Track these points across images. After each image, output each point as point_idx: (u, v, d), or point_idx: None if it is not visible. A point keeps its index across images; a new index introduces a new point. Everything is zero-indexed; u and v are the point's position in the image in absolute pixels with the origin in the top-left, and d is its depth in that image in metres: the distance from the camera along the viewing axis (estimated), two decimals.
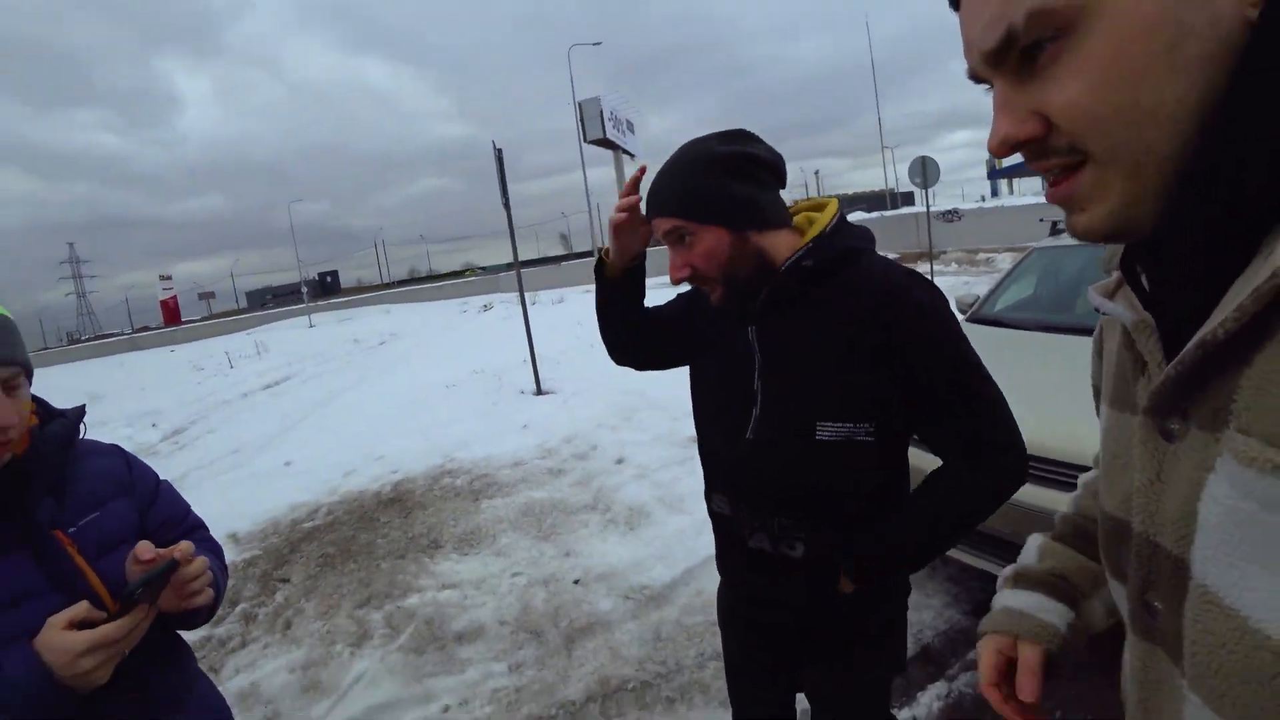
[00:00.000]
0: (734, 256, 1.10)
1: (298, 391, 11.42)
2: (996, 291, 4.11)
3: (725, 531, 1.30)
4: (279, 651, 3.02)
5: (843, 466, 1.09)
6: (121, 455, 1.19)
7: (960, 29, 0.50)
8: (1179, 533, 0.47)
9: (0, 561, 0.94)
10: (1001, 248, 19.50)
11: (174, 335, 42.59)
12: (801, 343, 1.11)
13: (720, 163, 1.08)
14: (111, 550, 1.04)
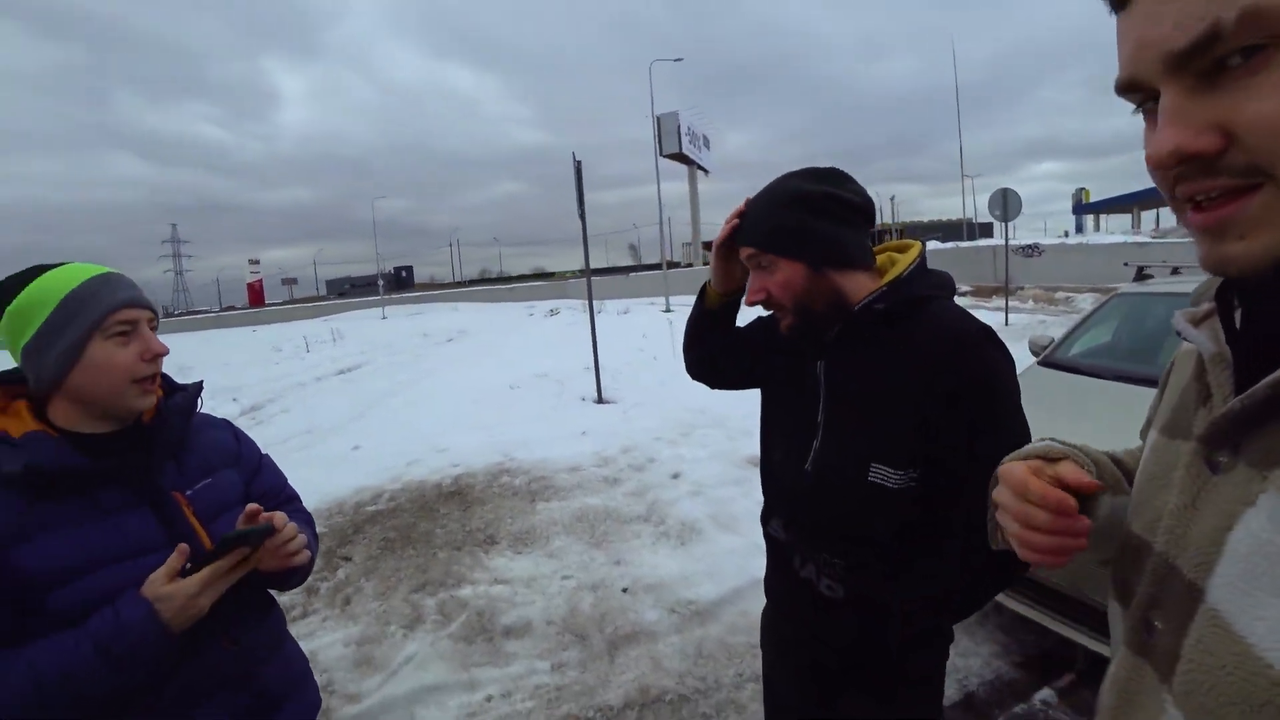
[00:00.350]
0: (808, 291, 1.13)
1: (368, 379, 11.85)
2: (1073, 335, 3.99)
3: (779, 556, 1.33)
4: (337, 625, 3.17)
5: (890, 510, 1.10)
6: (231, 429, 1.31)
7: (1128, 29, 0.47)
8: (1200, 559, 0.49)
9: (129, 516, 1.03)
10: (1083, 287, 18.71)
11: (257, 316, 44.69)
12: (867, 383, 1.13)
13: (805, 200, 1.12)
14: (220, 514, 1.14)
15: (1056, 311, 15.33)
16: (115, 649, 0.92)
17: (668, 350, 10.54)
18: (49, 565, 0.95)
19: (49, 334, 1.00)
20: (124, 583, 0.97)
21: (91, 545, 0.98)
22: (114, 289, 1.05)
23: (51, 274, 1.04)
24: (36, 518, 0.96)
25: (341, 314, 38.87)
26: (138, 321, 1.07)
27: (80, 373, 1.02)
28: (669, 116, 36.13)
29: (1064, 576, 2.30)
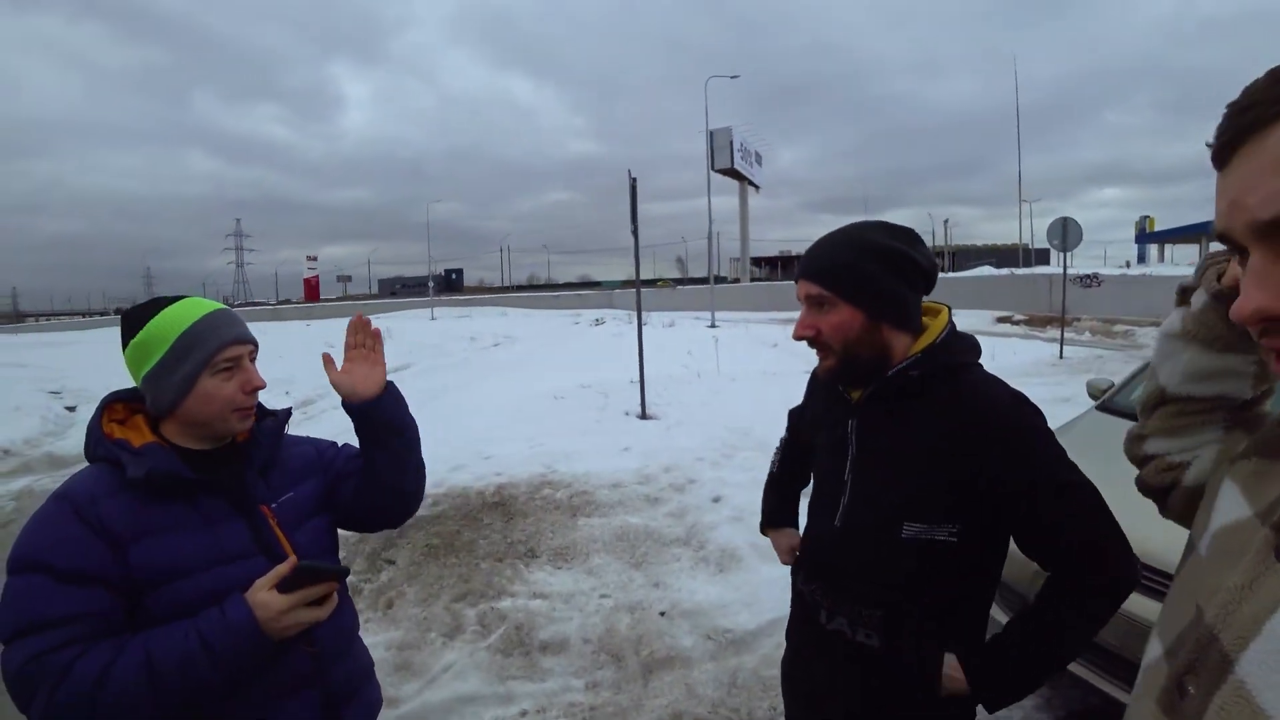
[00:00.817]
0: (860, 339, 1.16)
1: (415, 381, 12.09)
2: (1135, 380, 3.86)
3: (805, 608, 1.37)
4: (378, 628, 3.25)
5: (925, 565, 1.12)
6: (312, 444, 1.44)
7: (1225, 187, 0.50)
8: (1239, 634, 0.51)
9: (226, 524, 1.15)
10: (1144, 321, 18.03)
11: (310, 311, 46.08)
12: (897, 445, 1.16)
13: (880, 252, 1.15)
14: (302, 523, 1.27)
15: (1115, 345, 14.85)
16: (218, 646, 1.01)
17: (711, 367, 10.53)
18: (159, 564, 1.06)
19: (165, 368, 1.14)
20: (221, 585, 1.08)
21: (194, 549, 1.10)
22: (222, 327, 1.18)
23: (170, 310, 1.18)
24: (152, 520, 1.08)
25: (392, 313, 39.76)
26: (241, 357, 1.20)
27: (191, 402, 1.15)
28: (722, 131, 36.22)
29: (1114, 634, 2.23)
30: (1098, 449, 3.13)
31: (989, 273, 28.12)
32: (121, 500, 1.07)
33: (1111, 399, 3.73)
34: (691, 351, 11.92)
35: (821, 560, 1.29)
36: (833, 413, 1.29)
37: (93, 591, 1.01)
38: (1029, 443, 1.10)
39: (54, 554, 1.01)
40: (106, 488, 1.08)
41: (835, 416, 1.27)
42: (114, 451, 1.10)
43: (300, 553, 1.21)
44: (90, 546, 1.02)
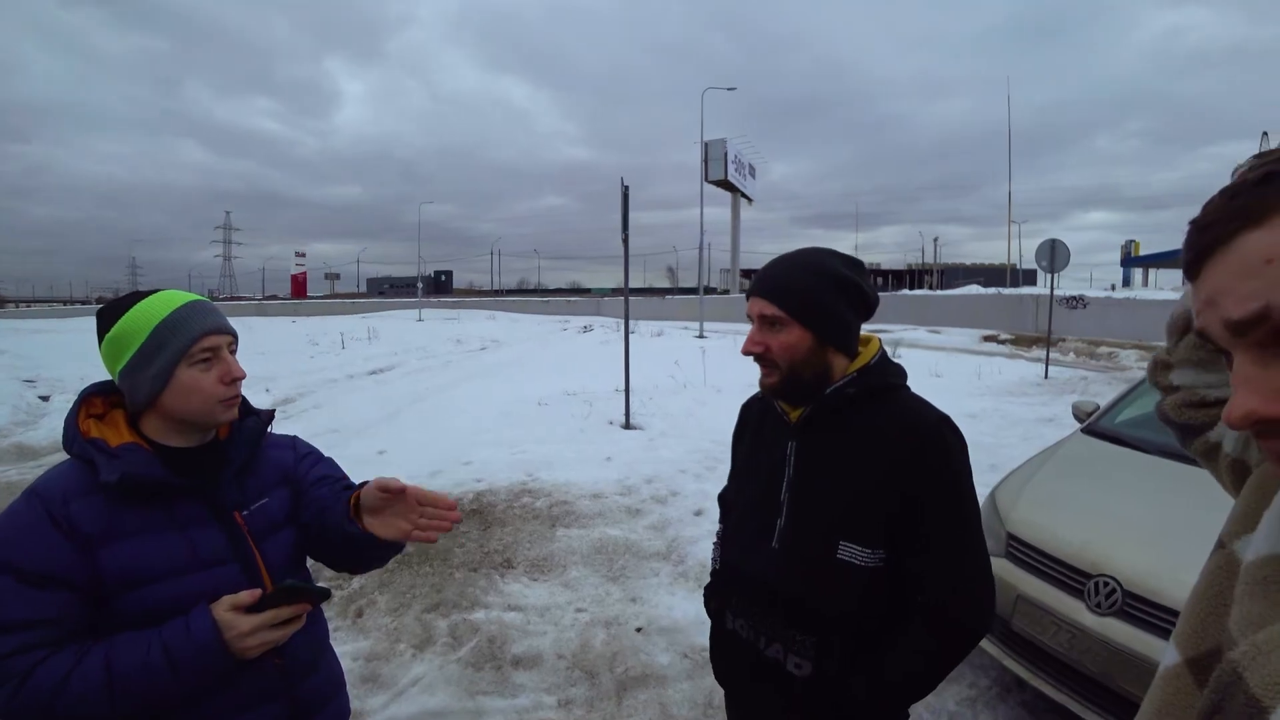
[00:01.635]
0: (806, 359, 1.23)
1: (399, 382, 12.01)
2: (1120, 403, 3.85)
3: (732, 645, 1.37)
4: (346, 637, 3.17)
5: (857, 587, 1.18)
6: (292, 445, 1.39)
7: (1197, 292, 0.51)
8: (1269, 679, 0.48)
9: (200, 530, 1.12)
10: (1128, 343, 18.22)
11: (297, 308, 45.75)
12: (834, 463, 1.23)
13: (836, 281, 1.23)
14: (272, 534, 1.22)
15: (1098, 367, 14.94)
16: (180, 658, 1.00)
17: (698, 378, 10.48)
18: (130, 567, 1.03)
19: (141, 361, 1.11)
20: (191, 593, 1.06)
21: (166, 554, 1.07)
22: (198, 318, 1.15)
23: (145, 303, 1.14)
24: (124, 523, 1.05)
25: (379, 312, 39.56)
26: (219, 347, 1.17)
27: (169, 395, 1.12)
28: (717, 143, 36.36)
29: (1095, 662, 2.21)
30: (1084, 472, 3.13)
31: (976, 291, 28.33)
32: (94, 501, 1.04)
33: (1097, 422, 3.71)
34: (679, 362, 11.87)
35: (754, 587, 1.30)
36: (770, 436, 1.34)
37: (57, 595, 0.99)
38: (944, 457, 1.17)
39: (20, 555, 0.99)
40: (80, 487, 1.05)
41: (773, 439, 1.33)
42: (88, 450, 1.07)
43: (268, 564, 1.19)
44: (58, 549, 1.00)
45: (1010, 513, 2.77)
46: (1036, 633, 2.39)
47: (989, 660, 2.81)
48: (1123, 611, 2.20)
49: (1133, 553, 2.32)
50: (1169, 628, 2.07)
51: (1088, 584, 2.31)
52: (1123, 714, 2.13)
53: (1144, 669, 2.06)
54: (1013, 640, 2.50)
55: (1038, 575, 2.48)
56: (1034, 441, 6.07)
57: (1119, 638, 2.16)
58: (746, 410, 1.50)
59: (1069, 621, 2.29)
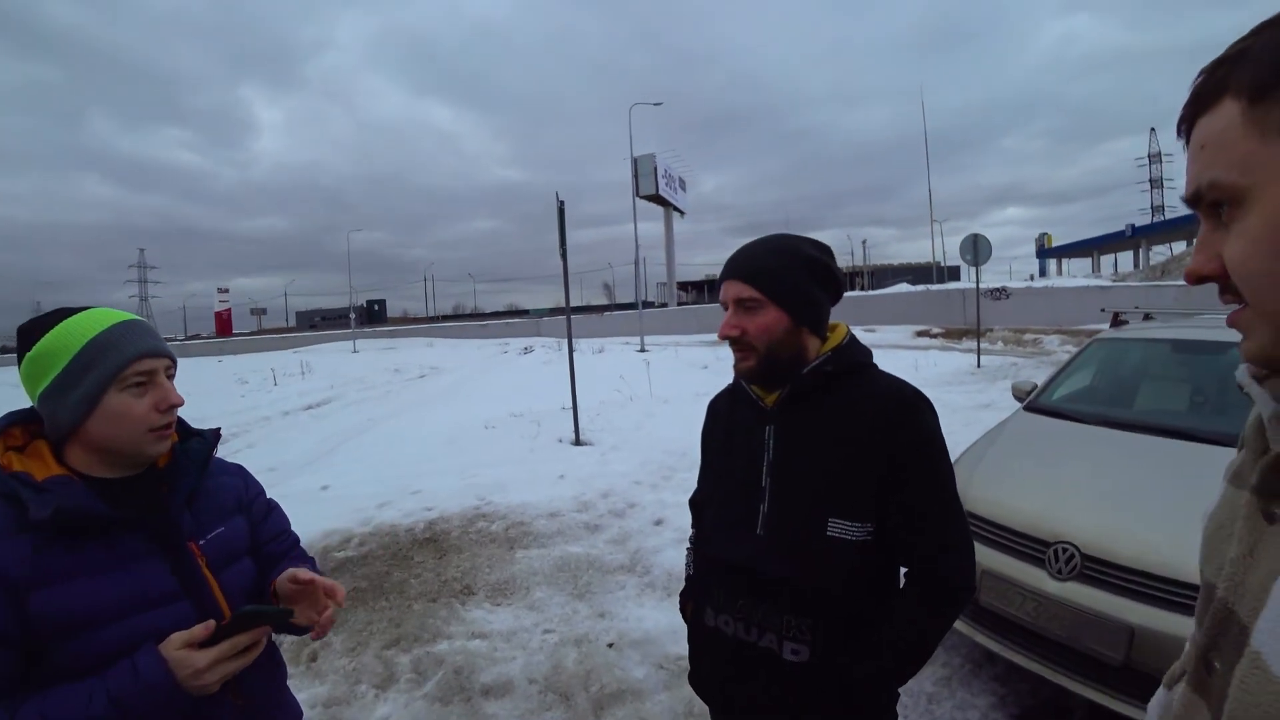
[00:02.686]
0: (782, 340, 1.23)
1: (338, 415, 11.61)
2: (1056, 380, 4.02)
3: (716, 646, 1.33)
4: (302, 684, 2.99)
5: (851, 564, 1.17)
6: (242, 475, 1.30)
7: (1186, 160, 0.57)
8: (1253, 604, 0.52)
9: (145, 564, 1.02)
10: (1050, 329, 19.15)
11: (223, 346, 43.87)
12: (814, 442, 1.22)
13: (808, 263, 1.24)
14: (231, 563, 1.14)
15: (1026, 353, 15.63)
16: (130, 705, 0.91)
17: (644, 391, 10.48)
18: (66, 614, 0.93)
19: (65, 383, 1.01)
20: (138, 635, 0.96)
21: (108, 595, 0.97)
22: (133, 338, 1.05)
23: (74, 320, 1.04)
24: (58, 565, 0.95)
25: (312, 346, 38.30)
26: (155, 372, 1.07)
27: (95, 422, 1.02)
28: (646, 158, 36.70)
29: (1061, 627, 2.26)
30: (1028, 447, 3.23)
31: (906, 289, 29.30)
32: (21, 542, 0.93)
33: (1036, 399, 3.86)
34: (623, 376, 11.85)
35: (740, 577, 1.27)
36: (745, 425, 1.33)
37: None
38: (924, 424, 1.19)
39: None
40: (3, 527, 0.94)
41: (749, 427, 1.31)
42: (12, 486, 0.95)
43: (229, 595, 1.10)
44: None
45: (966, 491, 2.82)
46: (1003, 605, 2.43)
47: (959, 639, 2.85)
48: (1083, 575, 2.25)
49: (1087, 517, 2.39)
50: (1128, 587, 2.14)
51: (1047, 552, 2.36)
52: (1092, 673, 2.18)
53: (1108, 628, 2.12)
54: (981, 615, 2.54)
55: (999, 549, 2.53)
56: (975, 426, 6.25)
57: (1082, 600, 2.22)
58: (714, 406, 1.49)
59: (1033, 590, 2.34)
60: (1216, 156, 0.51)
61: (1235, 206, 0.51)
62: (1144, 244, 48.25)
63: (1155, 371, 3.76)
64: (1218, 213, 0.52)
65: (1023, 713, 2.59)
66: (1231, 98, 0.50)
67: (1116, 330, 4.33)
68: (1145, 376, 3.76)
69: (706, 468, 1.48)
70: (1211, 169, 0.51)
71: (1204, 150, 0.52)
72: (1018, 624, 2.39)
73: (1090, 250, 56.53)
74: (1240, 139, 0.49)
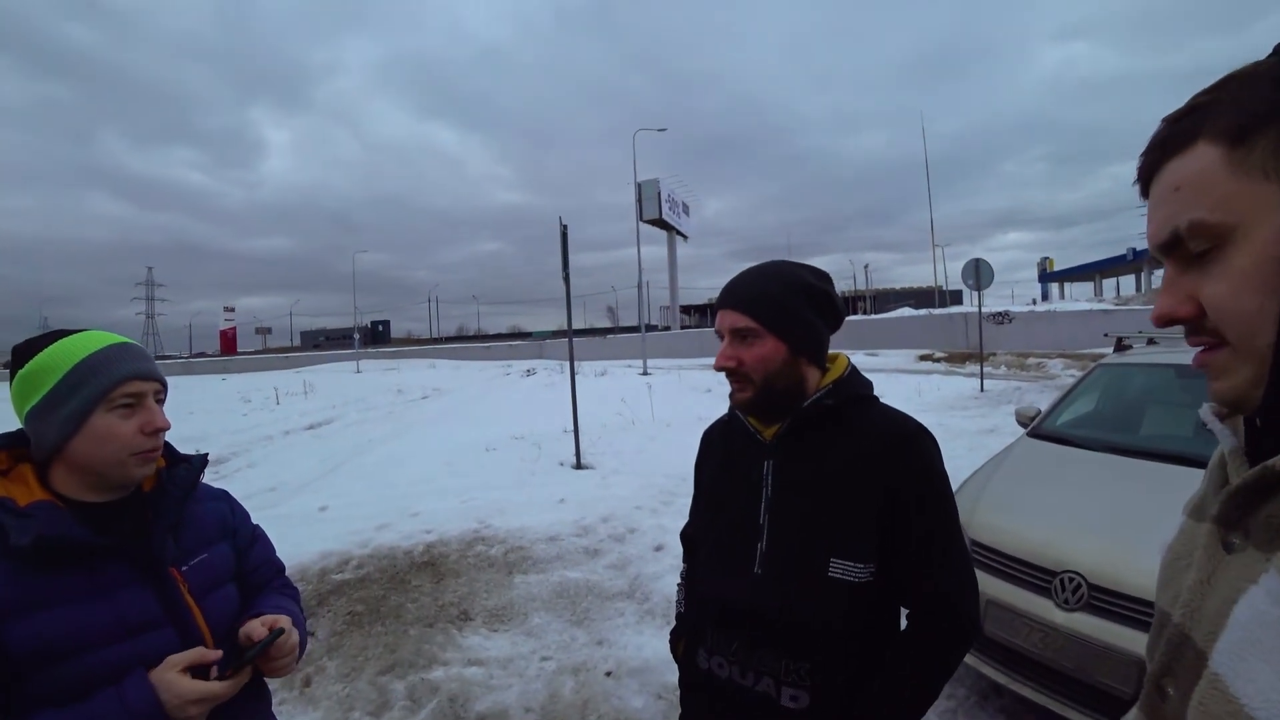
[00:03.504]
0: (780, 371, 1.18)
1: (339, 435, 11.57)
2: (1060, 406, 3.99)
3: (708, 689, 1.26)
4: (295, 710, 2.94)
5: (851, 605, 1.12)
6: (227, 500, 1.30)
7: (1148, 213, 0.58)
8: (1209, 628, 0.54)
9: (128, 592, 1.00)
10: (1053, 353, 19.13)
11: (226, 365, 44.03)
12: (815, 478, 1.17)
13: (807, 291, 1.20)
14: (214, 590, 1.13)
15: (1029, 377, 15.58)
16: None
17: (646, 414, 10.44)
18: (46, 642, 0.92)
19: (53, 402, 1.01)
20: (120, 663, 0.95)
21: (89, 623, 0.95)
22: (124, 361, 1.06)
23: (67, 340, 1.05)
24: (37, 592, 0.93)
25: (315, 366, 38.37)
26: (144, 395, 1.07)
27: (80, 441, 1.01)
28: (650, 183, 37.00)
29: (1070, 659, 2.21)
30: (1032, 473, 3.19)
31: (909, 314, 29.33)
32: (1, 568, 0.92)
33: (1040, 425, 3.83)
34: (625, 399, 11.81)
35: (736, 618, 1.21)
36: (742, 458, 1.27)
37: None
38: (927, 461, 1.16)
39: None
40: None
41: (747, 461, 1.26)
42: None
43: (211, 623, 1.09)
44: None
45: (970, 519, 2.78)
46: (1009, 635, 2.38)
47: (965, 670, 2.79)
48: (1090, 605, 2.21)
49: (1094, 546, 2.35)
50: (1137, 617, 2.09)
51: (1053, 581, 2.32)
52: (1103, 707, 2.13)
53: (1118, 660, 2.07)
54: (987, 646, 2.49)
55: (1004, 578, 2.48)
56: (979, 451, 6.22)
57: (1090, 631, 2.17)
58: (708, 437, 1.44)
59: (1040, 621, 2.29)
60: (1197, 198, 0.52)
61: (1218, 247, 0.52)
62: (1146, 267, 48.28)
63: (1160, 397, 3.73)
64: (1186, 255, 0.54)
65: None
66: (1207, 142, 0.52)
67: (1120, 355, 4.31)
68: (1150, 402, 3.73)
69: (699, 501, 1.42)
70: (1191, 210, 0.52)
71: (1179, 192, 0.53)
72: (1025, 655, 2.34)
73: (1092, 274, 56.65)
74: (1223, 180, 0.51)
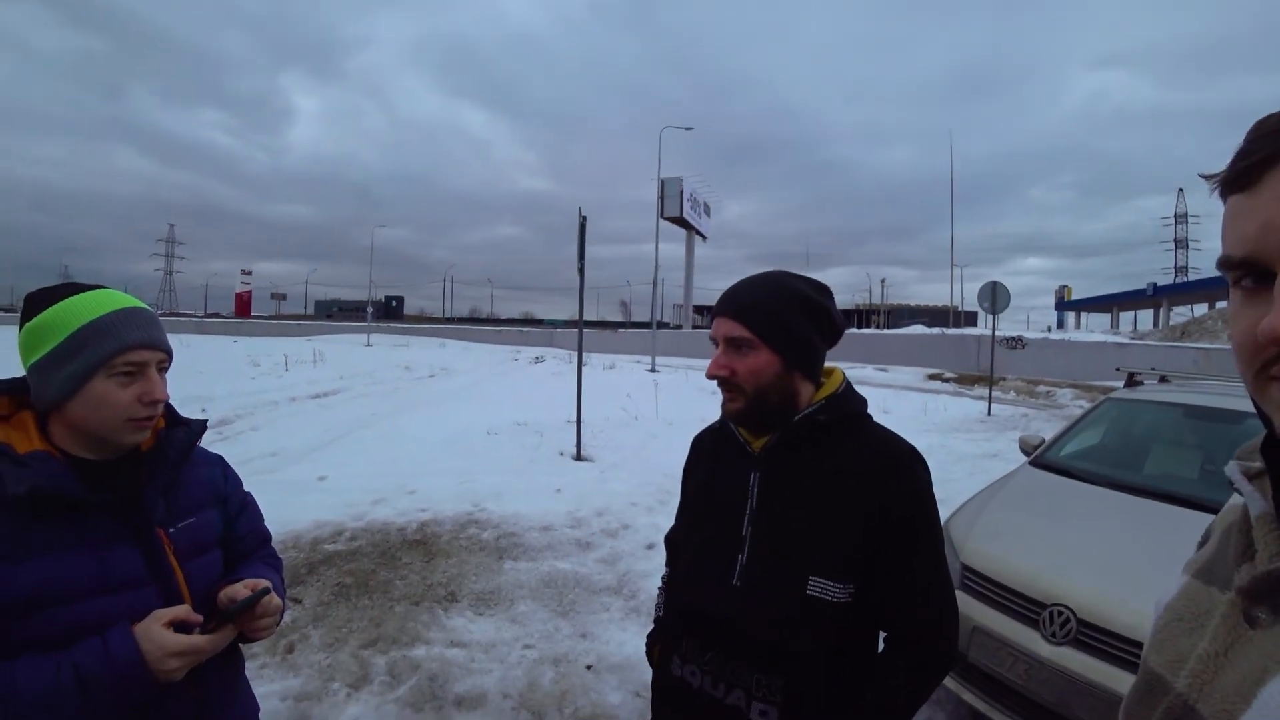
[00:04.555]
0: (773, 384, 1.17)
1: (343, 407, 11.63)
2: (1064, 437, 3.95)
3: (680, 697, 1.25)
4: (276, 675, 2.95)
5: (827, 624, 1.11)
6: (221, 466, 1.30)
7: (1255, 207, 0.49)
8: (1224, 706, 0.50)
9: (115, 548, 1.02)
10: (1064, 383, 18.97)
11: (239, 327, 44.30)
12: (800, 494, 1.16)
13: (805, 304, 1.18)
14: (199, 554, 1.14)
15: (1038, 405, 15.45)
16: (94, 683, 0.91)
17: (650, 411, 10.43)
18: (32, 589, 0.93)
19: (56, 359, 1.01)
20: (102, 616, 0.96)
21: (76, 576, 0.97)
22: (130, 328, 1.05)
23: (79, 298, 1.04)
24: (28, 539, 0.94)
25: (326, 336, 38.55)
26: (146, 364, 1.07)
27: (77, 403, 1.02)
28: (673, 181, 36.90)
29: (1051, 692, 2.19)
30: (1034, 503, 3.16)
31: (922, 331, 29.18)
32: None
33: (1043, 455, 3.80)
34: (631, 395, 11.80)
35: (712, 628, 1.20)
36: (730, 468, 1.26)
37: None
38: (916, 485, 1.15)
39: None
40: None
41: (734, 471, 1.25)
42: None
43: (192, 587, 1.10)
44: None
45: (964, 544, 2.76)
46: (994, 664, 2.36)
47: (946, 694, 2.77)
48: (1078, 640, 2.19)
49: (1085, 581, 2.33)
50: (1124, 656, 2.07)
51: (1042, 613, 2.30)
52: None
53: (1100, 698, 2.05)
54: (970, 673, 2.47)
55: (993, 606, 2.47)
56: (980, 476, 6.18)
57: (1075, 667, 2.15)
58: (699, 443, 1.42)
59: (1025, 652, 2.28)
60: None
61: None
62: (1165, 303, 47.89)
63: (1167, 436, 3.69)
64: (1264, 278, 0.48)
65: None
66: None
67: (1131, 390, 4.27)
68: (1156, 440, 3.70)
69: (685, 506, 1.41)
70: None
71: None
72: (1007, 685, 2.33)
73: (1110, 305, 56.26)
74: None
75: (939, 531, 1.16)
